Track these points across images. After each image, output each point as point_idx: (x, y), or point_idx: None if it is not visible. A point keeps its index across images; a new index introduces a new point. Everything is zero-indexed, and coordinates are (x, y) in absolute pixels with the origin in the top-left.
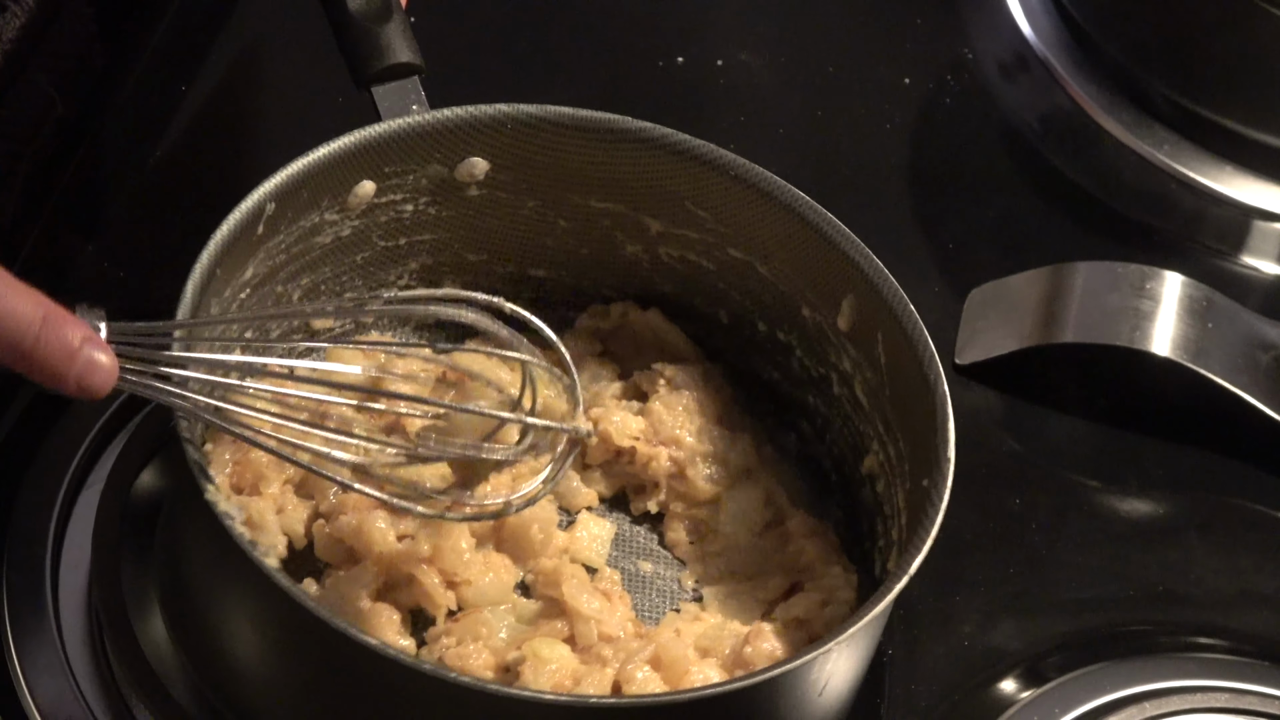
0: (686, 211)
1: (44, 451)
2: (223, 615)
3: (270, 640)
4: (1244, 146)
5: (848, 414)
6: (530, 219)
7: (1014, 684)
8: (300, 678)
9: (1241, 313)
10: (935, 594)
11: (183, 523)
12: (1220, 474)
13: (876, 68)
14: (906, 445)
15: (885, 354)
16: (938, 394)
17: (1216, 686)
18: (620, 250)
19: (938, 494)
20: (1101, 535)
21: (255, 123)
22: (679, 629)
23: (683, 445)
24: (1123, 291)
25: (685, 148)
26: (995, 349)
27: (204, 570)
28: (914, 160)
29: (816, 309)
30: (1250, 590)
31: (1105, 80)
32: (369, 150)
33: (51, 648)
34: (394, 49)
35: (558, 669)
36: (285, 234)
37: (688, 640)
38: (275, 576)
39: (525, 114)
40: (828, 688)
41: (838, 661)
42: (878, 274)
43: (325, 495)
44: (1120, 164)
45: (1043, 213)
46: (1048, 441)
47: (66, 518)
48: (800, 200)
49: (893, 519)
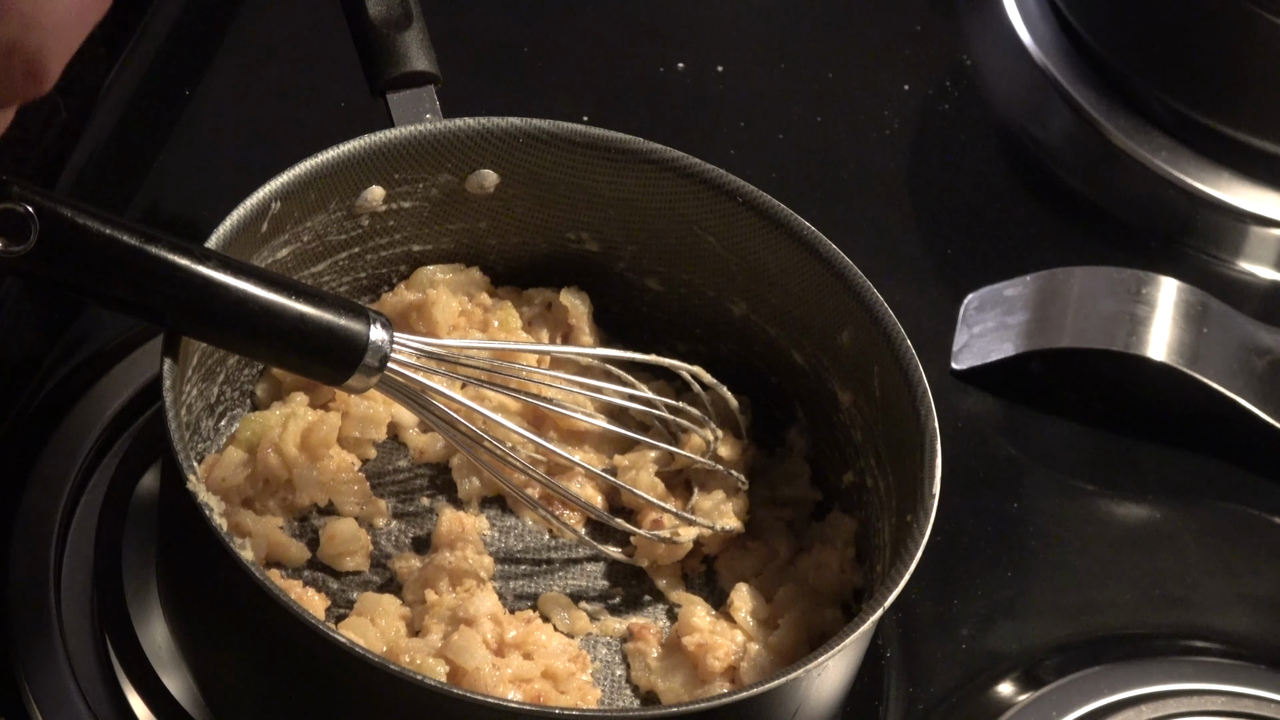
0: (693, 235)
1: (48, 454)
2: (207, 610)
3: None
4: (1241, 152)
5: (840, 445)
6: (539, 233)
7: (1012, 687)
8: (276, 672)
9: (1237, 318)
10: (933, 597)
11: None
12: (1216, 478)
13: (876, 74)
14: (895, 479)
15: (880, 388)
16: (927, 430)
17: (1212, 690)
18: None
19: (919, 530)
20: (1098, 539)
21: (259, 127)
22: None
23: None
24: (1119, 296)
25: (695, 171)
26: (992, 354)
27: (189, 566)
28: (912, 166)
29: (815, 339)
30: (1246, 594)
31: (1103, 86)
32: (380, 155)
33: (54, 648)
34: (411, 57)
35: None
36: (290, 233)
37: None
38: (251, 568)
39: (537, 128)
40: (800, 712)
41: (810, 686)
42: (877, 307)
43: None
44: (1117, 169)
45: (1040, 218)
46: (1044, 446)
47: (70, 519)
48: (806, 230)
49: (879, 551)
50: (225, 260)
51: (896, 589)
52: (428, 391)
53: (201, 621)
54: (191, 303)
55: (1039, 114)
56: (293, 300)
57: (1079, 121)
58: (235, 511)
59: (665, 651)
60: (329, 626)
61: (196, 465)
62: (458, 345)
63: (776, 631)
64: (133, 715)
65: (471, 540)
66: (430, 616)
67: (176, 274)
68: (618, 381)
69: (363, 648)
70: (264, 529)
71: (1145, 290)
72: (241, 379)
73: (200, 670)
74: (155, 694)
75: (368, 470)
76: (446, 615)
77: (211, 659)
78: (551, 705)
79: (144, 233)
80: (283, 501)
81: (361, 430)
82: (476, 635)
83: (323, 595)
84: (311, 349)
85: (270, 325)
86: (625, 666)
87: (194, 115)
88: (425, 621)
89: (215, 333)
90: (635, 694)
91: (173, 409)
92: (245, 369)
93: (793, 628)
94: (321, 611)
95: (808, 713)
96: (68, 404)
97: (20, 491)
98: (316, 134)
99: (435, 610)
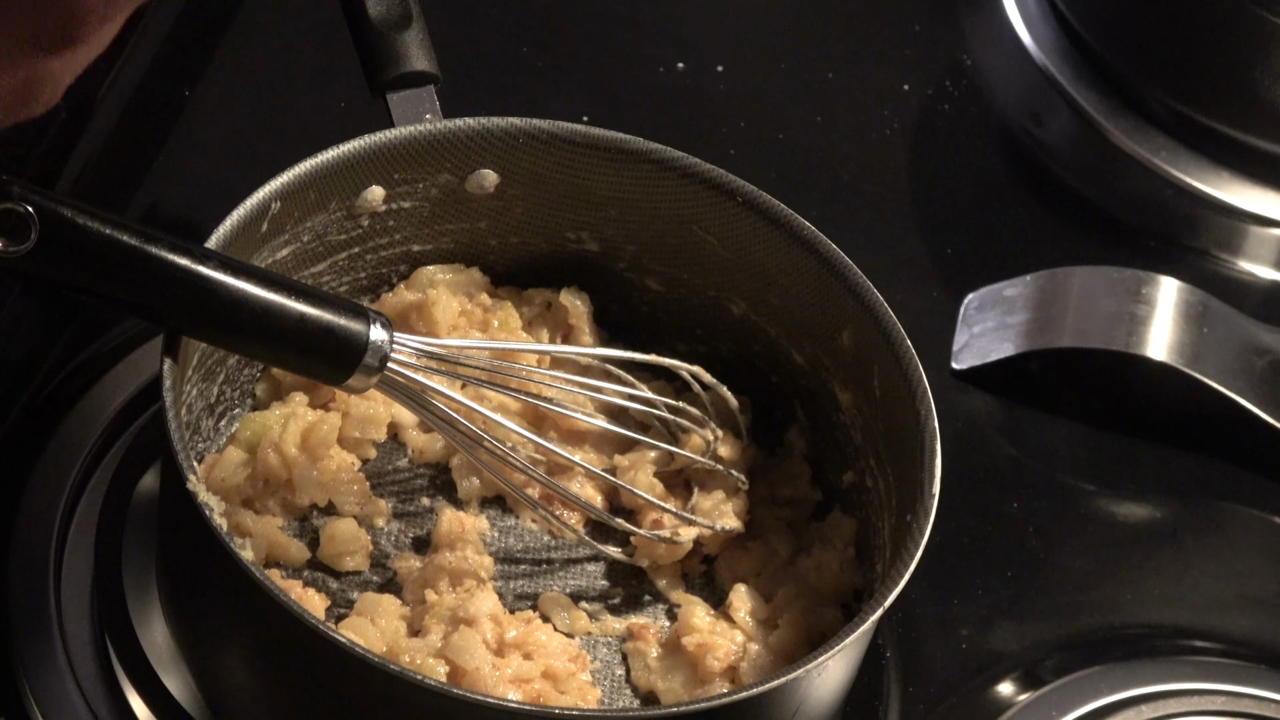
0: (694, 235)
1: (48, 454)
2: (207, 610)
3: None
4: (1241, 152)
5: (840, 445)
6: (539, 233)
7: (1012, 686)
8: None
9: (1237, 317)
10: (933, 597)
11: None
12: (1216, 478)
13: (876, 74)
14: (895, 478)
15: (880, 388)
16: (927, 430)
17: (1212, 690)
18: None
19: (919, 530)
20: (1098, 539)
21: (259, 127)
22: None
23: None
24: (1119, 296)
25: (695, 171)
26: (992, 354)
27: (189, 566)
28: (912, 166)
29: (815, 339)
30: (1246, 594)
31: (1103, 86)
32: (380, 155)
33: (54, 648)
34: (411, 57)
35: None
36: (290, 233)
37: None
38: (251, 568)
39: (537, 128)
40: (800, 712)
41: (810, 686)
42: (878, 307)
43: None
44: (1117, 169)
45: (1040, 218)
46: (1044, 446)
47: (70, 519)
48: (806, 230)
49: (879, 550)
50: (225, 260)
51: (896, 589)
52: (428, 391)
53: (201, 621)
54: (191, 303)
55: (1039, 114)
56: (293, 300)
57: (1079, 121)
58: (235, 511)
59: (665, 651)
60: (329, 626)
61: (196, 465)
62: (458, 345)
63: (776, 631)
64: (133, 715)
65: (471, 540)
66: (430, 616)
67: (176, 274)
68: (618, 381)
69: (363, 648)
70: (264, 529)
71: (1145, 290)
72: (241, 379)
73: (200, 670)
74: (155, 694)
75: (368, 470)
76: (446, 615)
77: (211, 659)
78: (551, 705)
79: (144, 233)
80: (283, 501)
81: (361, 430)
82: (476, 635)
83: (323, 595)
84: (311, 349)
85: (270, 325)
86: (625, 666)
87: (194, 115)
88: (425, 621)
89: (215, 333)
90: (635, 694)
91: (173, 409)
92: (245, 369)
93: (792, 628)
94: (321, 611)
95: (808, 713)
96: (68, 404)
97: (20, 491)
98: (316, 134)
99: (435, 610)
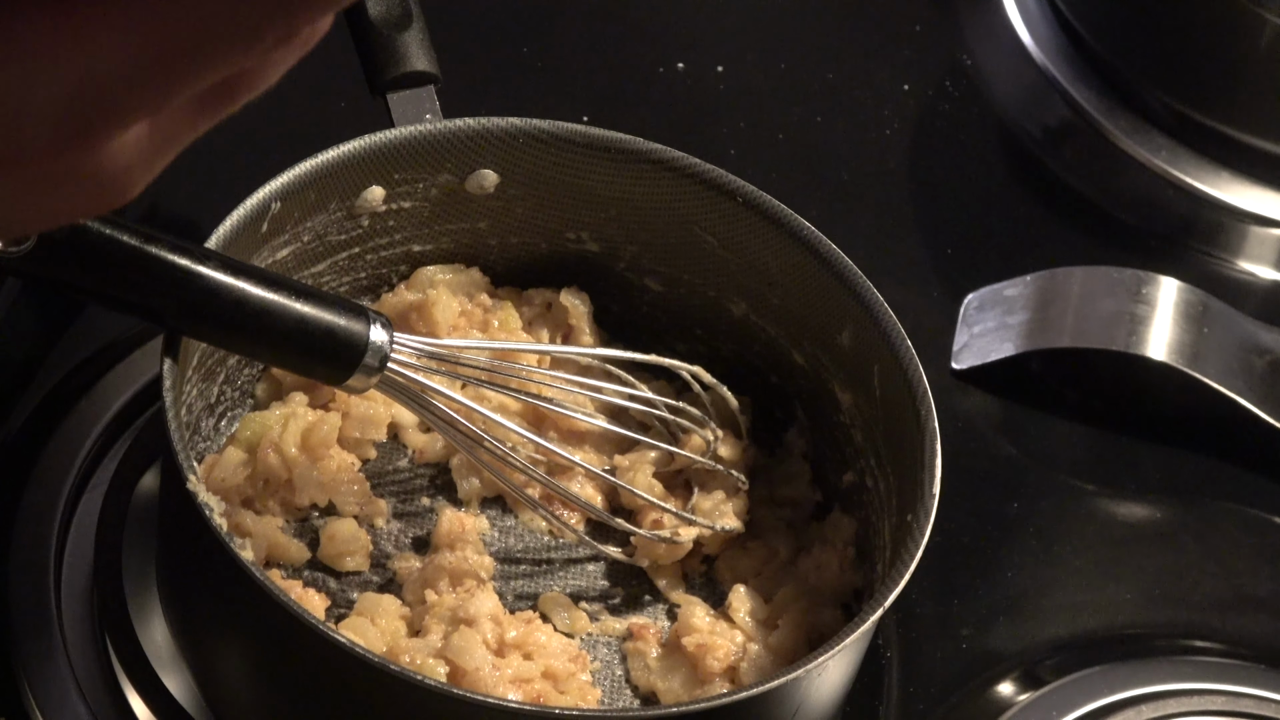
0: (694, 235)
1: (48, 453)
2: (207, 610)
3: (248, 634)
4: (1241, 152)
5: (840, 445)
6: (539, 233)
7: (1012, 687)
8: (276, 672)
9: (1237, 317)
10: (933, 597)
11: (171, 518)
12: (1216, 478)
13: (875, 74)
14: (895, 479)
15: (880, 388)
16: (927, 430)
17: (1213, 690)
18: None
19: (920, 530)
20: (1098, 539)
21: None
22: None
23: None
24: (1119, 296)
25: (695, 171)
26: (992, 354)
27: (189, 566)
28: (912, 166)
29: (815, 339)
30: (1246, 594)
31: (1103, 86)
32: (380, 156)
33: (54, 648)
34: (411, 57)
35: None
36: (290, 233)
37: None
38: (251, 568)
39: (537, 128)
40: (800, 712)
41: (810, 686)
42: (878, 307)
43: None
44: (1117, 169)
45: (1040, 218)
46: (1044, 446)
47: (70, 519)
48: (806, 230)
49: (879, 550)
50: (225, 260)
51: (896, 589)
52: (428, 391)
53: (201, 621)
54: (191, 303)
55: (1039, 114)
56: (293, 300)
57: (1079, 121)
58: (235, 511)
59: (665, 651)
60: (329, 626)
61: (196, 465)
62: (458, 345)
63: (776, 632)
64: (133, 715)
65: (471, 540)
66: (430, 617)
67: (176, 274)
68: (618, 381)
69: (363, 648)
70: (264, 529)
71: (1145, 290)
72: (241, 379)
73: (200, 670)
74: (155, 694)
75: (368, 470)
76: (446, 615)
77: (211, 659)
78: (551, 705)
79: (144, 233)
80: (283, 501)
81: (361, 430)
82: (476, 635)
83: (323, 595)
84: (311, 349)
85: (270, 325)
86: (625, 666)
87: None
88: (425, 622)
89: (215, 333)
90: (635, 694)
91: (173, 409)
92: (245, 369)
93: (792, 628)
94: (321, 611)
95: (807, 713)
96: (68, 404)
97: (20, 491)
98: (316, 134)
99: (435, 610)
